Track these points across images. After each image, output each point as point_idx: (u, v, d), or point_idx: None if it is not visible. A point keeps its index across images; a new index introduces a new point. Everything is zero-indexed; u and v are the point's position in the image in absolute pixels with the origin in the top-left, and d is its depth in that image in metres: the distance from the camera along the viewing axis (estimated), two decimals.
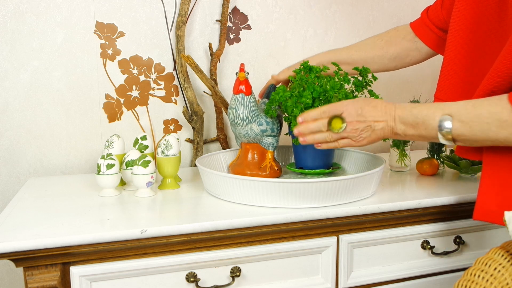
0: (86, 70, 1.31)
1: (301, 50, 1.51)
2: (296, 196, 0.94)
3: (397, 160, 1.28)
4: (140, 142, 1.16)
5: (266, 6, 1.45)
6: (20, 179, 1.30)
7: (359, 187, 0.98)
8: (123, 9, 1.32)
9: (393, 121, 0.85)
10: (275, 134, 1.14)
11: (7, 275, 1.31)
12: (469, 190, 1.08)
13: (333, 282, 1.00)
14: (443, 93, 0.97)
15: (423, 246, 1.06)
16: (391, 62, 1.16)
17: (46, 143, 1.31)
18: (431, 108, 0.82)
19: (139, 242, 0.85)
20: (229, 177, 0.97)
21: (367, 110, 0.86)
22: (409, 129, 0.84)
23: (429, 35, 1.11)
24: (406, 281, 1.06)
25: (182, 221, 0.88)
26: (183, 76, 1.34)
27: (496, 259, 0.72)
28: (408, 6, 1.61)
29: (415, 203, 1.01)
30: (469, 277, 0.72)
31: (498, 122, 0.75)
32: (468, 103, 0.79)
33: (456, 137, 0.80)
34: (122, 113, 1.35)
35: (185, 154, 1.42)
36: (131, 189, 1.11)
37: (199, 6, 1.38)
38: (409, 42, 1.14)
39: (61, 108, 1.31)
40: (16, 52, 1.25)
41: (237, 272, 0.92)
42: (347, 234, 1.00)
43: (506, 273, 0.70)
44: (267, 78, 1.47)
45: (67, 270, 0.84)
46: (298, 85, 1.10)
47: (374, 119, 0.86)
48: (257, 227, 0.91)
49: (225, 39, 1.39)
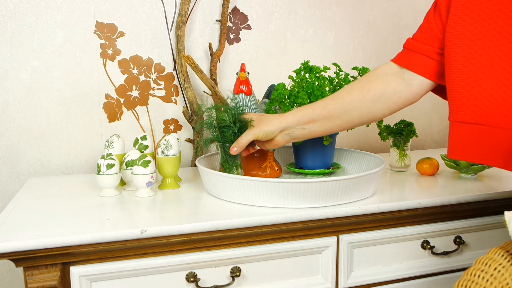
0: (86, 70, 1.31)
1: (301, 50, 1.51)
2: (296, 196, 0.94)
3: (397, 160, 1.28)
4: (140, 142, 1.16)
5: (266, 6, 1.45)
6: (20, 179, 1.30)
7: (359, 187, 0.98)
8: (123, 9, 1.32)
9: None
10: None
11: (7, 275, 1.31)
12: (469, 190, 1.08)
13: (333, 282, 1.00)
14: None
15: (423, 246, 1.06)
16: (375, 105, 0.95)
17: (46, 143, 1.31)
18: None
19: (139, 242, 0.85)
20: (229, 177, 0.97)
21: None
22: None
23: (418, 60, 0.94)
24: (406, 281, 1.06)
25: (182, 221, 0.88)
26: (183, 76, 1.34)
27: (496, 259, 0.72)
28: (408, 6, 1.61)
29: (415, 203, 1.01)
30: (469, 277, 0.72)
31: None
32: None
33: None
34: (122, 113, 1.35)
35: (185, 154, 1.42)
36: (131, 189, 1.11)
37: (199, 6, 1.38)
38: (394, 76, 0.96)
39: (61, 108, 1.31)
40: (16, 52, 1.25)
41: (237, 272, 0.92)
42: (347, 234, 1.00)
43: (506, 273, 0.70)
44: (267, 78, 1.48)
45: (67, 270, 0.84)
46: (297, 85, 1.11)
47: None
48: (257, 227, 0.91)
49: (225, 39, 1.39)
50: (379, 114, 0.97)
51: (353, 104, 0.96)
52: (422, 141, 1.71)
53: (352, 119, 0.97)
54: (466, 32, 0.84)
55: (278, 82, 1.47)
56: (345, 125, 0.98)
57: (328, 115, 0.96)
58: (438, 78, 0.94)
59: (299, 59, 1.50)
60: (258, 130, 0.98)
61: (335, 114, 0.96)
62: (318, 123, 0.97)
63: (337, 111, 0.96)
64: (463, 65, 0.85)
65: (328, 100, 0.97)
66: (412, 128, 1.26)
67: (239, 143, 1.00)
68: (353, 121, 0.97)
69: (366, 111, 0.96)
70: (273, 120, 0.99)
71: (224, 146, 1.05)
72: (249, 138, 0.99)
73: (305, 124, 0.97)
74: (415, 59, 0.94)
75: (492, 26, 0.82)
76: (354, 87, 0.97)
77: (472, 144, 0.86)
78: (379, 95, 0.95)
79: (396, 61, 0.97)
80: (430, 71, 0.93)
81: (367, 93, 0.95)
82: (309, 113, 0.97)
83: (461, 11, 0.86)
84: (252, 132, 0.99)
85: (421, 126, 1.69)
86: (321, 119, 0.97)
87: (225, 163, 1.05)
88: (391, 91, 0.95)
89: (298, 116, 0.97)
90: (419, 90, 0.95)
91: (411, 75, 0.94)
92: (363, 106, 0.96)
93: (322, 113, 0.96)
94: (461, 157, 0.88)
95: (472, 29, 0.84)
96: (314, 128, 0.98)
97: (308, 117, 0.97)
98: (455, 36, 0.86)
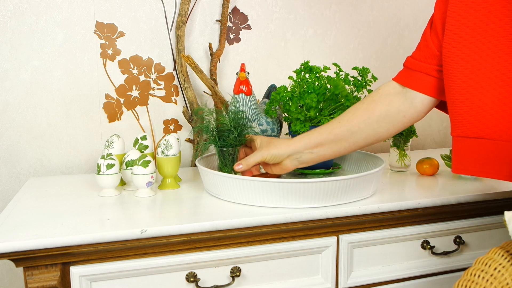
0: (86, 70, 1.31)
1: (301, 50, 1.51)
2: (296, 196, 0.94)
3: (397, 160, 1.28)
4: (140, 142, 1.16)
5: (266, 6, 1.45)
6: (20, 179, 1.30)
7: (359, 187, 0.98)
8: (123, 9, 1.32)
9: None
10: (275, 134, 1.14)
11: (7, 275, 1.31)
12: (469, 190, 1.08)
13: (333, 282, 1.00)
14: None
15: (423, 246, 1.06)
16: (380, 125, 0.96)
17: (46, 143, 1.31)
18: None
19: (139, 242, 0.85)
20: (229, 177, 0.97)
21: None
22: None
23: (418, 78, 0.94)
24: (406, 281, 1.06)
25: (182, 221, 0.88)
26: (183, 76, 1.34)
27: (496, 259, 0.72)
28: (408, 6, 1.61)
29: (415, 203, 1.01)
30: (469, 277, 0.72)
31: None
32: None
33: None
34: (122, 113, 1.35)
35: (185, 154, 1.42)
36: (131, 189, 1.11)
37: (199, 6, 1.38)
38: (397, 95, 0.96)
39: (61, 108, 1.31)
40: (16, 52, 1.25)
41: (237, 272, 0.92)
42: (347, 234, 1.00)
43: (506, 273, 0.70)
44: (267, 78, 1.48)
45: (67, 270, 0.84)
46: (298, 85, 1.11)
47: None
48: (257, 227, 0.91)
49: (225, 39, 1.39)
50: (385, 134, 0.98)
51: (359, 126, 0.97)
52: (422, 141, 1.71)
53: (359, 140, 0.98)
54: (463, 47, 0.85)
55: (278, 82, 1.47)
56: (353, 146, 0.99)
57: (335, 139, 0.97)
58: (439, 94, 0.94)
59: (299, 59, 1.50)
60: (267, 153, 0.99)
61: (342, 137, 0.97)
62: (325, 146, 0.98)
63: (344, 134, 0.97)
64: (462, 80, 0.85)
65: (334, 124, 0.99)
66: (412, 128, 1.26)
67: (246, 162, 1.01)
68: (360, 143, 0.98)
69: (372, 132, 0.97)
70: (282, 144, 1.00)
71: (223, 150, 1.04)
72: (257, 159, 1.00)
73: (313, 148, 0.98)
74: (415, 77, 0.95)
75: (488, 40, 0.83)
76: (359, 109, 0.98)
77: (476, 158, 0.87)
78: (384, 115, 0.96)
79: (397, 80, 0.98)
80: (431, 89, 0.94)
81: (371, 115, 0.96)
82: (315, 137, 0.98)
83: (457, 27, 0.86)
84: (261, 154, 0.99)
85: (421, 126, 1.69)
86: (328, 142, 0.98)
87: (224, 167, 1.05)
88: (395, 111, 0.96)
89: (305, 141, 0.98)
90: (423, 108, 0.96)
91: (413, 93, 0.95)
92: (369, 127, 0.97)
93: (329, 136, 0.98)
94: (466, 172, 0.89)
95: (468, 44, 0.84)
96: (322, 152, 0.98)
97: (315, 141, 0.98)
98: (452, 52, 0.86)
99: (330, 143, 0.98)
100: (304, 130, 1.08)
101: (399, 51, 1.62)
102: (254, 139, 1.05)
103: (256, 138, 1.05)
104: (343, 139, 0.97)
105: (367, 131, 0.97)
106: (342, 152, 0.99)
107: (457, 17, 0.86)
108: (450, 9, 0.87)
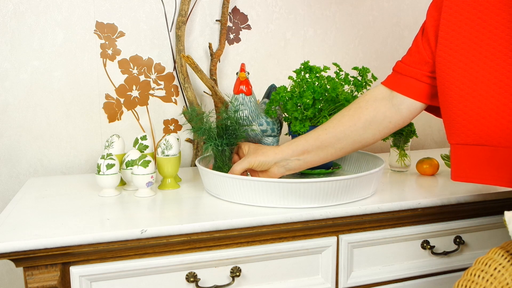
0: (86, 70, 1.31)
1: (301, 50, 1.51)
2: (296, 196, 0.94)
3: (397, 160, 1.28)
4: (140, 142, 1.16)
5: (266, 6, 1.45)
6: (20, 179, 1.30)
7: (359, 187, 0.98)
8: (123, 9, 1.32)
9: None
10: (275, 134, 1.14)
11: (7, 275, 1.31)
12: (469, 190, 1.08)
13: (333, 282, 1.00)
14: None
15: (423, 246, 1.06)
16: (366, 132, 0.96)
17: (46, 143, 1.31)
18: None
19: (139, 242, 0.85)
20: (229, 177, 0.97)
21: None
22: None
23: (408, 83, 0.94)
24: (406, 281, 1.06)
25: (182, 221, 0.88)
26: (183, 76, 1.34)
27: (496, 259, 0.72)
28: (408, 6, 1.61)
29: (415, 203, 1.01)
30: (469, 277, 0.72)
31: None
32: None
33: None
34: (122, 113, 1.35)
35: (185, 154, 1.42)
36: (131, 189, 1.11)
37: (199, 6, 1.38)
38: (383, 101, 0.96)
39: (61, 108, 1.31)
40: (16, 52, 1.26)
41: (237, 272, 0.92)
42: (347, 234, 1.00)
43: (506, 273, 0.70)
44: (267, 78, 1.48)
45: (67, 270, 0.84)
46: (298, 85, 1.11)
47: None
48: (257, 227, 0.91)
49: (225, 39, 1.39)
50: (371, 140, 0.98)
51: (345, 133, 0.97)
52: (422, 141, 1.71)
53: (345, 146, 0.98)
54: (459, 55, 0.85)
55: (278, 82, 1.47)
56: (339, 153, 0.99)
57: (321, 145, 0.98)
58: (429, 99, 0.94)
59: (299, 59, 1.50)
60: (254, 159, 0.99)
61: (328, 144, 0.98)
62: (312, 153, 0.98)
63: (330, 141, 0.98)
64: (459, 87, 0.85)
65: (320, 130, 0.99)
66: (412, 128, 1.26)
67: (233, 171, 1.01)
68: (347, 149, 0.99)
69: (358, 138, 0.97)
70: (269, 151, 1.00)
71: (224, 150, 1.04)
72: (244, 166, 1.00)
73: (300, 155, 0.99)
74: (404, 82, 0.95)
75: (484, 48, 0.83)
76: (345, 115, 0.98)
77: (476, 165, 0.87)
78: (370, 121, 0.96)
79: (386, 84, 0.98)
80: (420, 94, 0.94)
81: (357, 121, 0.97)
82: (302, 144, 0.99)
83: (452, 35, 0.86)
84: (247, 160, 1.00)
85: (421, 126, 1.69)
86: (315, 149, 0.98)
87: (224, 167, 1.05)
88: (381, 117, 0.96)
89: (292, 148, 0.99)
90: (409, 114, 0.96)
91: (400, 99, 0.95)
92: (355, 133, 0.97)
93: (315, 143, 0.98)
94: (466, 179, 0.89)
95: (465, 53, 0.84)
96: (309, 159, 0.99)
97: (301, 148, 0.98)
98: (448, 60, 0.86)
99: (317, 149, 0.98)
100: (304, 130, 1.08)
101: (399, 51, 1.62)
102: (241, 146, 1.06)
103: (243, 145, 1.05)
104: (330, 146, 0.98)
105: (353, 137, 0.97)
106: (329, 158, 1.00)
107: (452, 26, 0.86)
108: (444, 18, 0.87)
